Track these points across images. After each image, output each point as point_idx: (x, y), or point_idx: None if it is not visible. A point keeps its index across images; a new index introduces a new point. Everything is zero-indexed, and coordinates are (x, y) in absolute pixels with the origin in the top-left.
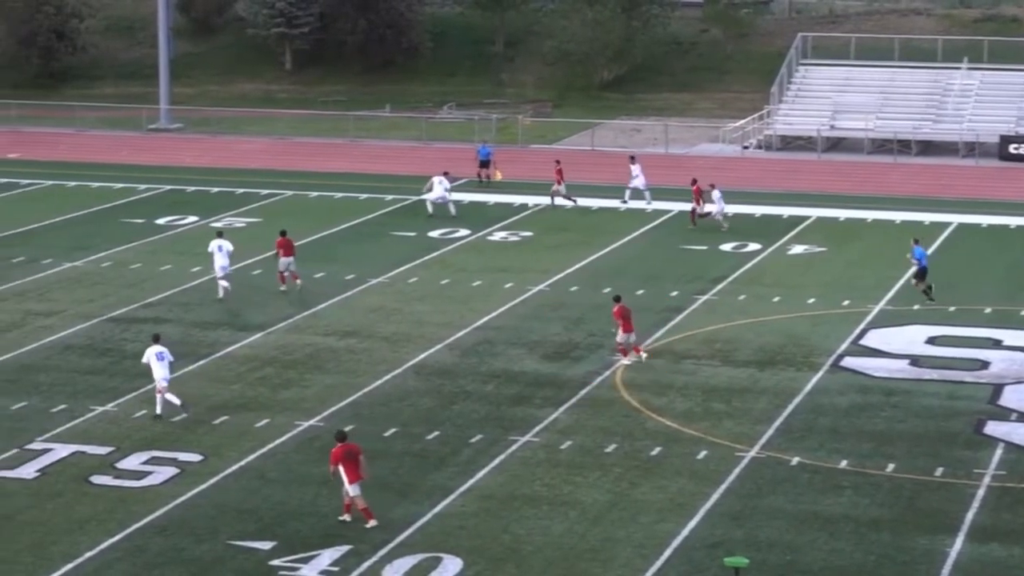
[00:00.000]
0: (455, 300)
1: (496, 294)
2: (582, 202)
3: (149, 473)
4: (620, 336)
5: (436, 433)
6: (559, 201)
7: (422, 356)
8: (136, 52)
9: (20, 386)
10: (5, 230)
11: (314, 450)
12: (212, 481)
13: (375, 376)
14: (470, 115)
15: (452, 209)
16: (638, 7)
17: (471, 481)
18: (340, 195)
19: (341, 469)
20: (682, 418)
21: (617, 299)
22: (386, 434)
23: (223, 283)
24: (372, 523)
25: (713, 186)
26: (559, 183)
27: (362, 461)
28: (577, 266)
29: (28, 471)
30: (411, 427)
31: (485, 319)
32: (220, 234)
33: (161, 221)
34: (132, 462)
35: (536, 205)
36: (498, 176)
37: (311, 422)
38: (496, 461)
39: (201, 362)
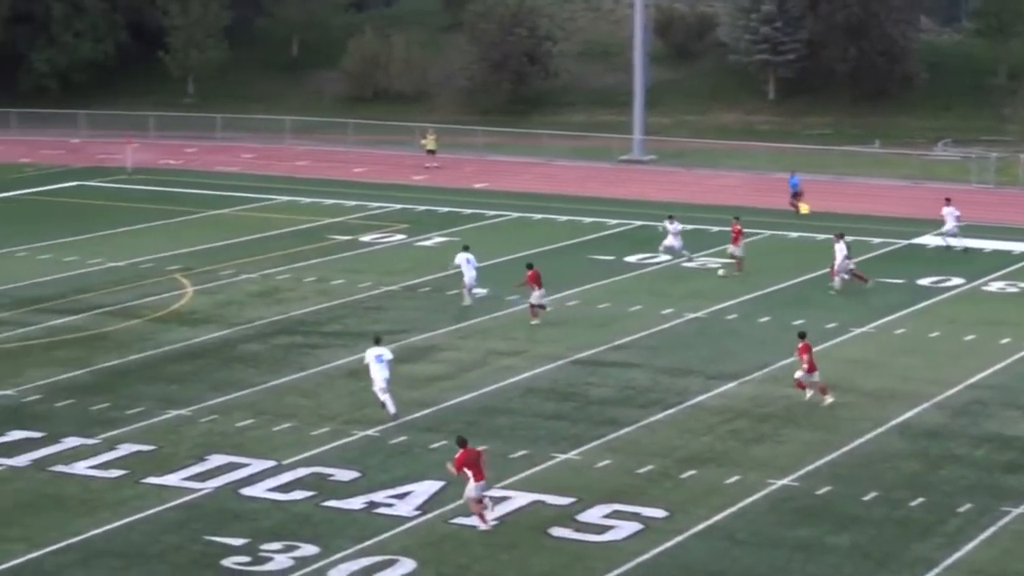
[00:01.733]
0: (945, 355)
1: (991, 350)
2: None
3: (611, 527)
4: (800, 373)
5: (921, 500)
6: (733, 252)
7: (908, 415)
8: (610, 78)
9: (480, 428)
10: None
11: (788, 511)
12: (677, 540)
13: (856, 434)
14: (967, 153)
15: (672, 254)
16: None
17: (958, 554)
18: (822, 236)
19: (469, 472)
20: None
21: (802, 335)
22: (865, 498)
23: (477, 290)
24: (484, 526)
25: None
26: (735, 242)
27: (481, 463)
28: None
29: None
30: (893, 492)
31: (978, 377)
32: (466, 248)
33: (631, 259)
34: (593, 515)
35: None
36: (804, 210)
37: (785, 481)
38: (986, 533)
39: (670, 411)
